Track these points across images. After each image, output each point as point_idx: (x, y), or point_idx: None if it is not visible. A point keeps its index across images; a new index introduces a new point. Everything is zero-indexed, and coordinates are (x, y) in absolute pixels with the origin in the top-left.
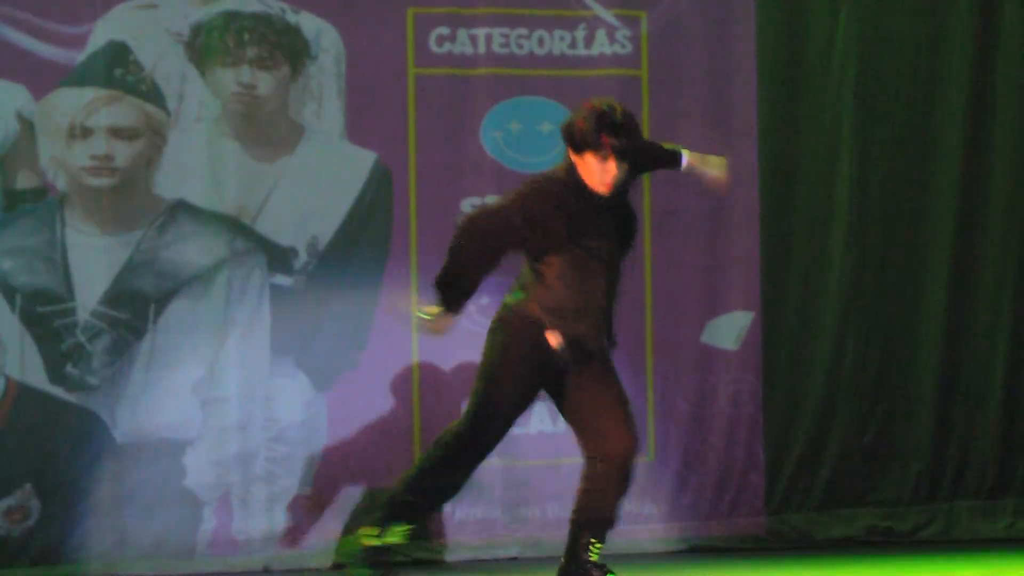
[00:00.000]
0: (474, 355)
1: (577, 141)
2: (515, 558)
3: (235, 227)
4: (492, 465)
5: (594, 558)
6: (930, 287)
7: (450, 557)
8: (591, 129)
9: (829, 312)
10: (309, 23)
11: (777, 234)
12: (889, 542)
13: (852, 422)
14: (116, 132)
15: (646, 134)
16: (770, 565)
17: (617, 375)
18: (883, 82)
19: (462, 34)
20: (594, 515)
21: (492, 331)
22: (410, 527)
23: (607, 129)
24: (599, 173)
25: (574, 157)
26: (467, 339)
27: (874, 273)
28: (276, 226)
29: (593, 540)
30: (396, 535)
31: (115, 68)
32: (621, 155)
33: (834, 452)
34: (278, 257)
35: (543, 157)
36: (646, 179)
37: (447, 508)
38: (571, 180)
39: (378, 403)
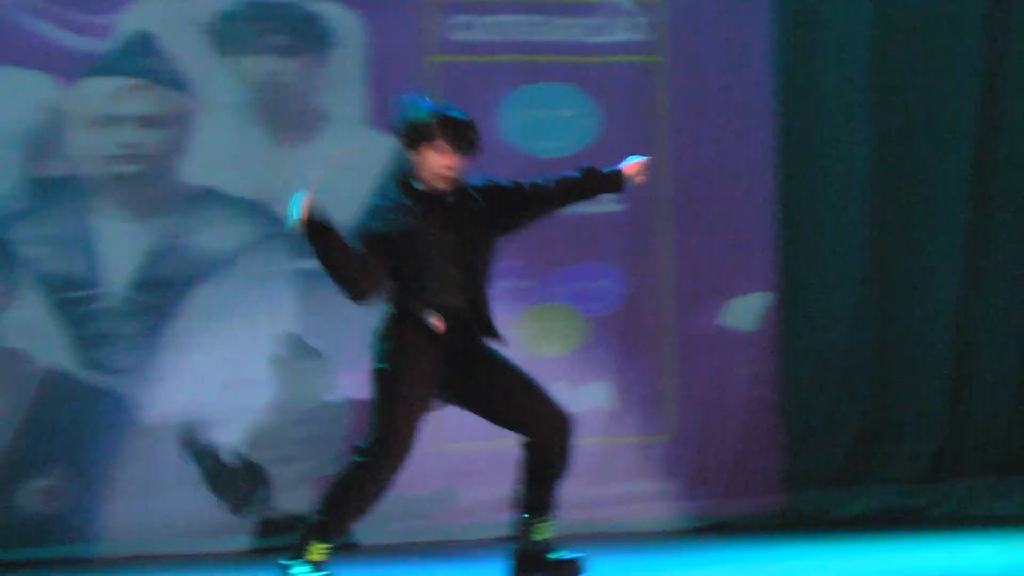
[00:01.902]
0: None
1: (414, 136)
2: None
3: (260, 212)
4: (512, 445)
5: (539, 537)
6: (946, 267)
7: (472, 536)
8: (428, 124)
9: (846, 292)
10: (331, 11)
11: (795, 216)
12: (905, 519)
13: (869, 401)
14: (143, 120)
15: (663, 122)
16: (787, 543)
17: (510, 361)
18: (899, 65)
19: (481, 22)
20: (539, 501)
21: (379, 341)
22: (330, 546)
23: (440, 121)
24: (435, 166)
25: (411, 155)
26: None
27: (890, 253)
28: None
29: (540, 522)
30: (317, 553)
31: (141, 57)
32: (459, 147)
33: (851, 430)
34: (302, 242)
35: (561, 143)
36: (662, 163)
37: (467, 489)
38: (400, 183)
39: None
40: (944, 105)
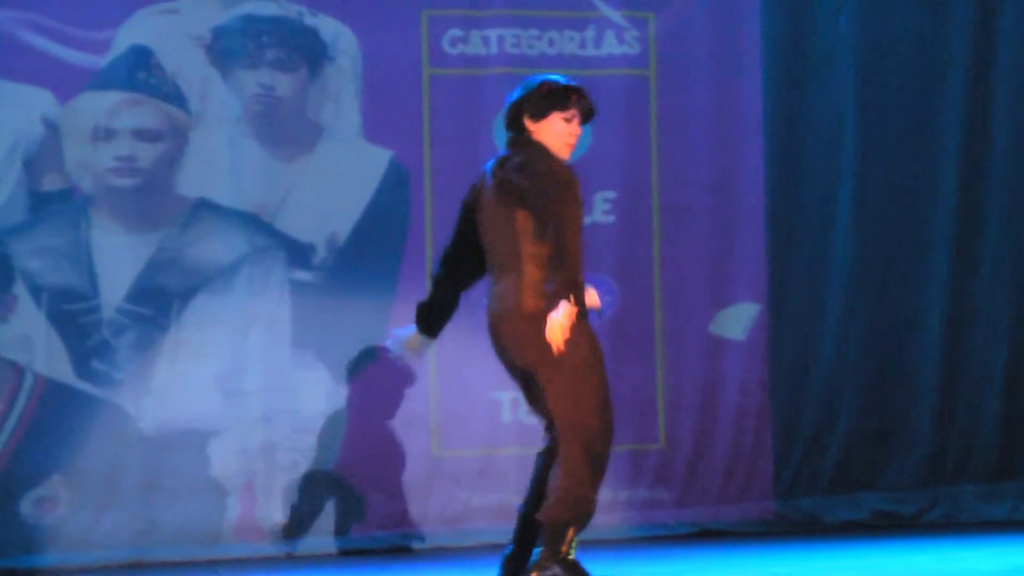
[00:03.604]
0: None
1: (544, 103)
2: None
3: (256, 224)
4: (507, 454)
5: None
6: (932, 276)
7: (467, 543)
8: (558, 89)
9: (834, 302)
10: (326, 26)
11: (783, 228)
12: (895, 525)
13: (857, 408)
14: (139, 134)
15: (654, 134)
16: (779, 548)
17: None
18: (885, 79)
19: (475, 35)
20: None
21: (541, 334)
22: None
23: (574, 89)
24: (564, 135)
25: (535, 126)
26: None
27: (877, 264)
28: (296, 223)
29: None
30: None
31: (138, 72)
32: (585, 116)
33: (840, 438)
34: (298, 253)
35: None
36: (653, 174)
37: (463, 495)
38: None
39: (397, 394)
40: (931, 115)
